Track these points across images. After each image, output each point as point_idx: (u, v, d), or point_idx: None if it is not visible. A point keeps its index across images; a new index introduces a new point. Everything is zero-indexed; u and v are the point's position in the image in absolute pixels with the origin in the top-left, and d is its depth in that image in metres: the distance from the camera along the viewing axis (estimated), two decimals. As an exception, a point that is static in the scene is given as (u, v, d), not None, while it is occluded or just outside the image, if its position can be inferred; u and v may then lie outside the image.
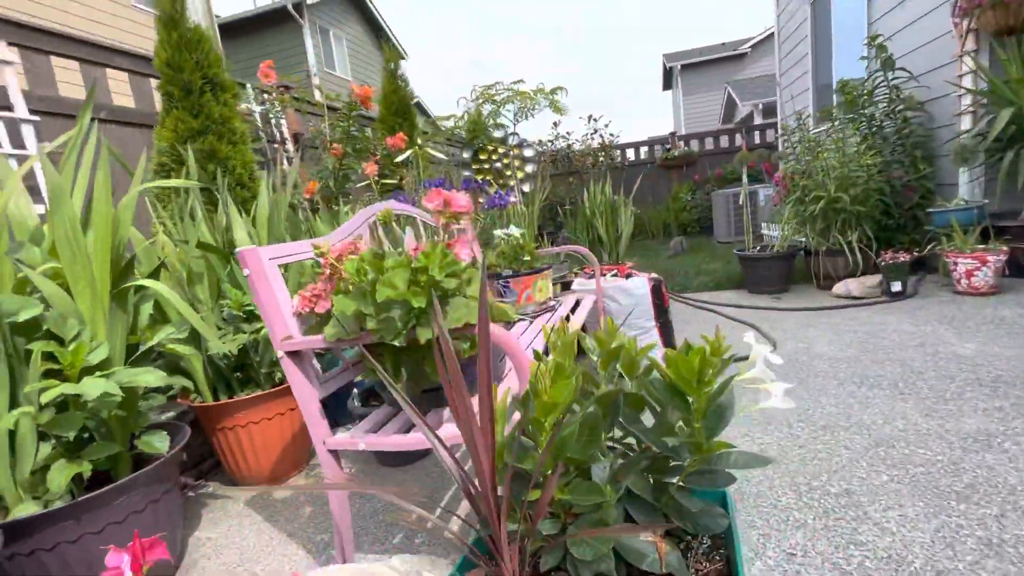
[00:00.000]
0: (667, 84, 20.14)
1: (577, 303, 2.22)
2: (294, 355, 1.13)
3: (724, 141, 8.42)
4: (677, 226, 7.79)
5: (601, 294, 2.28)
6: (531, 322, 1.98)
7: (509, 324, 1.18)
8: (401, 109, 5.28)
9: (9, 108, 2.41)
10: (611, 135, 7.97)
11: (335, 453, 1.14)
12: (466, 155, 4.60)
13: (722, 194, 6.58)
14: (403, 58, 16.23)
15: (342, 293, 1.04)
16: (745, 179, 4.63)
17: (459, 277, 0.95)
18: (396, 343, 0.94)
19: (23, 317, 1.04)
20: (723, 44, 17.70)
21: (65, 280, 1.14)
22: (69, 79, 2.91)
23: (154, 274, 1.37)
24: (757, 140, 8.31)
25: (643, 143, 8.88)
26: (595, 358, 0.79)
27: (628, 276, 2.34)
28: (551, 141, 7.96)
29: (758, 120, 12.45)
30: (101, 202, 1.18)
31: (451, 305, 0.98)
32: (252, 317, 1.74)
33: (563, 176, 8.22)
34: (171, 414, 1.82)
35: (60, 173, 1.24)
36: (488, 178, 4.51)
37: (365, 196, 3.59)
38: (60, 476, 1.07)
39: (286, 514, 1.60)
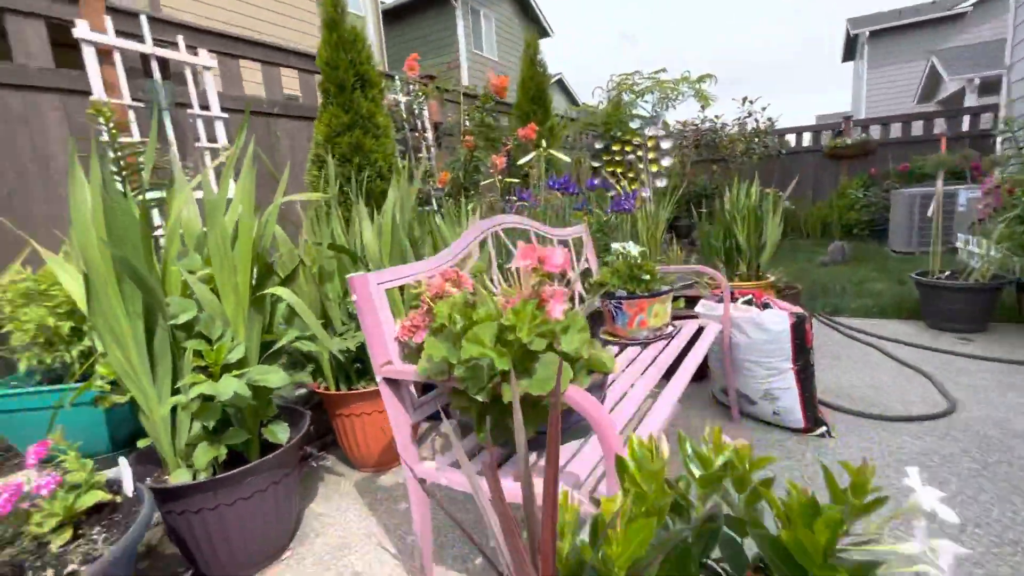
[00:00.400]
0: (848, 55, 17.23)
1: (700, 331, 2.01)
2: (391, 380, 1.17)
3: (917, 128, 6.96)
4: (840, 227, 6.70)
5: (729, 323, 2.03)
6: (642, 349, 1.84)
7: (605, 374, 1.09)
8: (537, 95, 5.22)
9: (207, 107, 2.85)
10: (768, 119, 7.04)
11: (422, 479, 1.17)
12: (598, 146, 4.41)
13: (906, 194, 5.47)
14: (548, 35, 16.09)
15: (435, 332, 1.03)
16: (940, 182, 3.75)
17: (551, 337, 0.88)
18: (479, 398, 0.90)
19: (182, 320, 1.21)
20: (933, 2, 14.51)
21: (215, 285, 1.30)
22: (249, 77, 3.34)
23: (293, 273, 1.51)
24: (965, 127, 6.72)
25: (807, 128, 7.74)
26: (692, 468, 0.67)
27: (765, 306, 2.04)
28: (696, 124, 7.28)
29: (971, 101, 10.07)
30: (245, 216, 1.31)
31: (541, 362, 0.91)
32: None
33: (706, 163, 7.52)
34: (302, 391, 2.05)
35: (221, 183, 1.42)
36: (619, 171, 4.28)
37: (488, 196, 3.63)
38: (203, 456, 1.25)
39: (386, 505, 1.71)
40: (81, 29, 2.32)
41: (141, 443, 1.32)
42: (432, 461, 1.18)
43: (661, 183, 4.20)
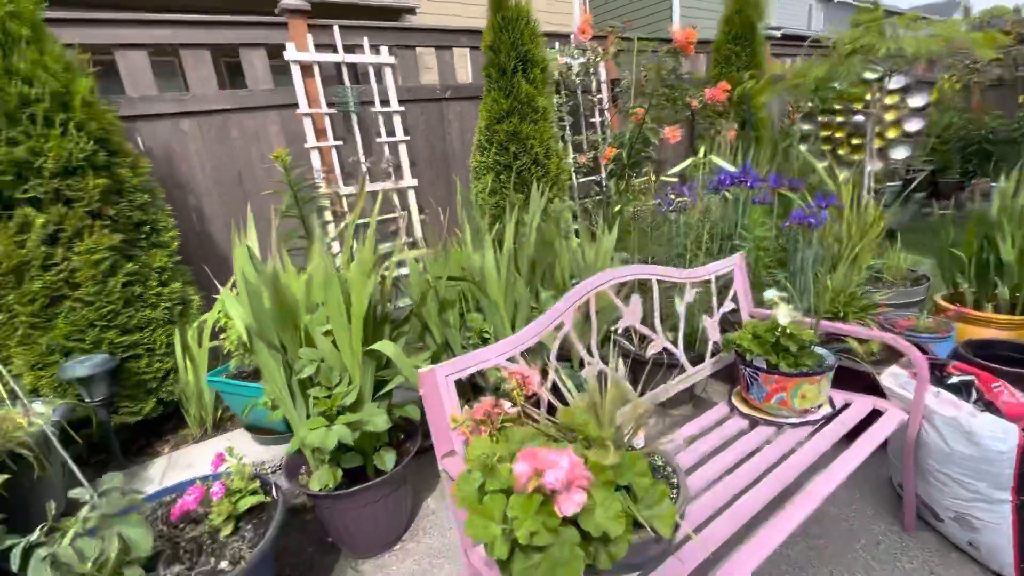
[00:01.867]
0: None
1: (874, 415, 1.57)
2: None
3: None
4: None
5: (919, 415, 1.53)
6: (777, 431, 1.53)
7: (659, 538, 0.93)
8: (743, 33, 4.34)
9: (387, 102, 3.12)
10: None
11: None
12: (805, 127, 3.50)
13: None
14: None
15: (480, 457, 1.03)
16: None
17: (557, 532, 0.80)
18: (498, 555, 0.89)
19: (305, 374, 1.45)
20: None
21: (335, 338, 1.51)
22: (424, 64, 3.50)
23: (406, 320, 1.65)
24: None
25: None
26: None
27: (988, 405, 1.45)
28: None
29: None
30: (357, 285, 1.46)
31: (550, 550, 0.84)
32: (483, 342, 1.94)
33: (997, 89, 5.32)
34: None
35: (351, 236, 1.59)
36: (838, 136, 3.35)
37: (650, 177, 3.25)
38: (324, 477, 1.54)
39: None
40: (290, 51, 2.72)
41: (293, 446, 1.68)
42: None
43: (900, 154, 3.16)
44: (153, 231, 2.13)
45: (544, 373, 1.44)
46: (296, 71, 2.77)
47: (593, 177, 3.77)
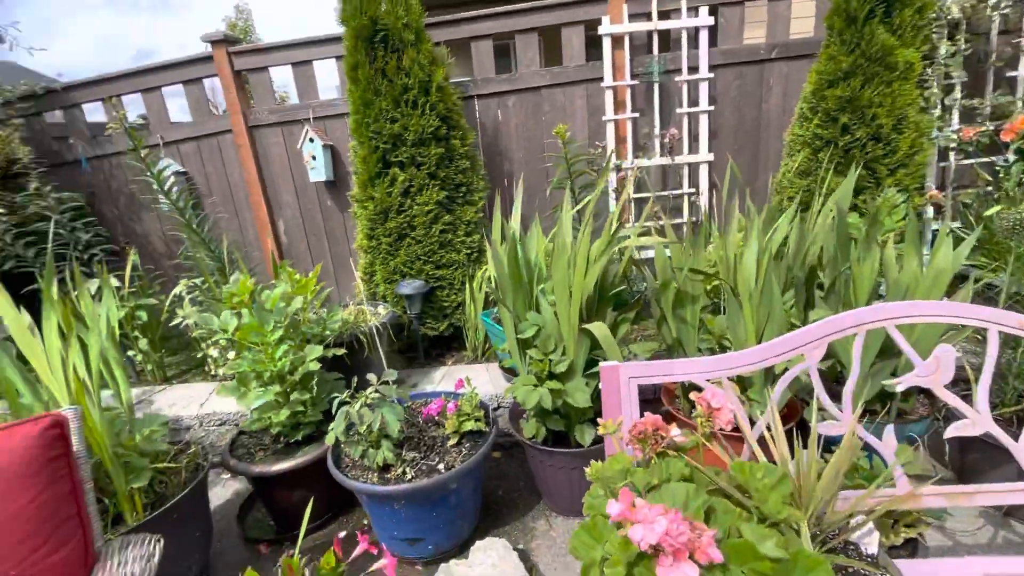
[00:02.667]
0: None
1: None
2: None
3: None
4: None
5: None
6: None
7: None
8: None
9: (696, 69, 2.90)
10: None
11: None
12: None
13: None
14: None
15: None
16: None
17: None
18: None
19: (526, 334, 1.60)
20: None
21: (556, 309, 1.61)
22: (754, 17, 3.03)
23: (634, 303, 1.62)
24: None
25: None
26: None
27: None
28: None
29: None
30: (580, 261, 1.49)
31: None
32: (722, 349, 1.70)
33: None
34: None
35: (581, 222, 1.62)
36: None
37: None
38: (532, 429, 1.70)
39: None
40: (604, 25, 2.82)
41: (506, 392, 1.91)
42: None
43: None
44: (468, 191, 2.65)
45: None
46: (607, 44, 2.86)
47: (987, 158, 2.62)
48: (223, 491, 2.23)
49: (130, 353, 2.80)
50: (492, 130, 3.10)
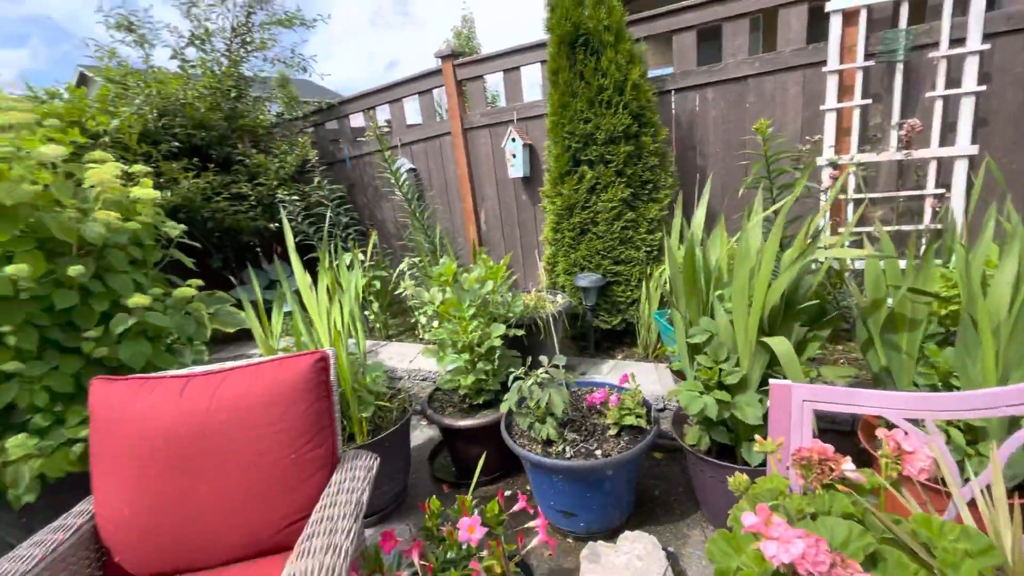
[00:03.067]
0: None
1: None
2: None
3: None
4: None
5: None
6: None
7: None
8: None
9: (961, 41, 2.33)
10: None
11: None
12: None
13: None
14: None
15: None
16: None
17: None
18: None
19: (695, 340, 1.58)
20: None
21: (733, 317, 1.55)
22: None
23: (829, 321, 1.48)
24: None
25: None
26: None
27: None
28: None
29: None
30: (764, 269, 1.41)
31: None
32: (947, 389, 1.40)
33: None
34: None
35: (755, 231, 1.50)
36: None
37: None
38: (695, 437, 1.69)
39: None
40: (834, 1, 2.47)
41: (669, 393, 1.89)
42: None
43: None
44: (654, 188, 2.64)
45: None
46: (836, 21, 2.50)
47: None
48: (420, 435, 2.71)
49: (366, 312, 3.54)
50: (687, 123, 2.99)
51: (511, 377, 1.91)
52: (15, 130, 1.76)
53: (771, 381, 1.11)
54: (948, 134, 2.45)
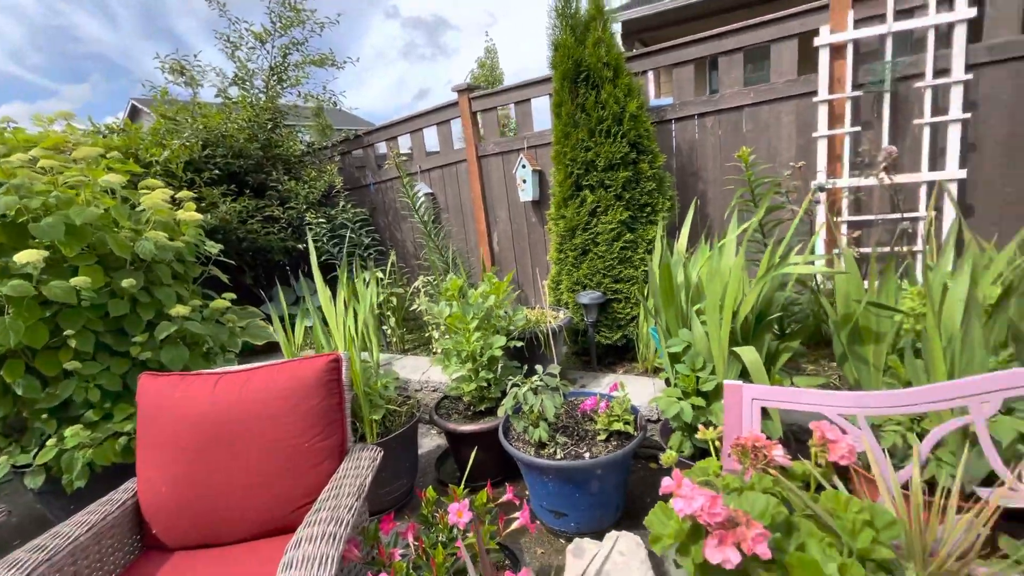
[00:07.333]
0: None
1: None
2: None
3: None
4: None
5: None
6: None
7: None
8: None
9: (946, 72, 2.45)
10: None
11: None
12: None
13: None
14: None
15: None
16: None
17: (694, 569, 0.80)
18: None
19: (673, 349, 1.72)
20: None
21: (708, 328, 1.68)
22: None
23: (794, 334, 1.59)
24: None
25: None
26: None
27: None
28: None
29: None
30: (733, 283, 1.55)
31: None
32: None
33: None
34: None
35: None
36: None
37: None
38: (676, 441, 1.80)
39: None
40: (822, 35, 2.63)
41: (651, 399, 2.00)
42: None
43: None
44: (652, 211, 2.80)
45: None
46: (824, 55, 2.65)
47: None
48: (430, 442, 2.86)
49: (383, 327, 3.76)
50: (687, 150, 3.15)
51: (509, 385, 2.06)
52: (85, 161, 2.06)
53: (725, 382, 1.24)
54: (940, 158, 2.54)
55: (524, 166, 3.57)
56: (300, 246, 4.22)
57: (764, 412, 1.64)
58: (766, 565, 0.82)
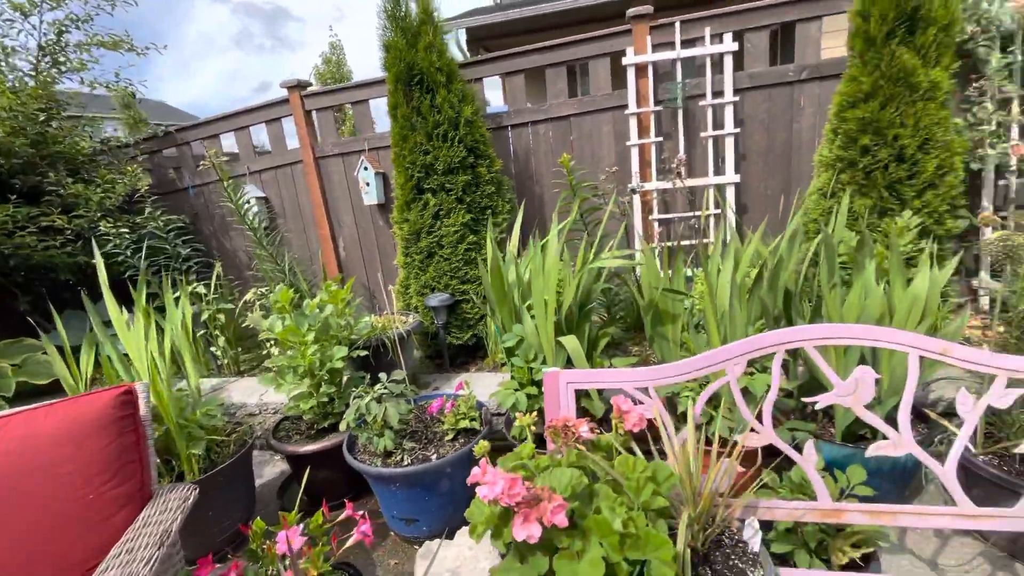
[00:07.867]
0: None
1: None
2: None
3: None
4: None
5: None
6: None
7: None
8: None
9: (721, 93, 2.95)
10: None
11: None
12: None
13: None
14: None
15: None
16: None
17: (507, 547, 0.86)
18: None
19: (508, 344, 1.80)
20: None
21: (537, 322, 1.79)
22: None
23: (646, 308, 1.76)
24: None
25: None
26: None
27: None
28: None
29: None
30: (551, 279, 1.68)
31: None
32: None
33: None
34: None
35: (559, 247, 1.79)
36: None
37: None
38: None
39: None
40: (628, 56, 2.98)
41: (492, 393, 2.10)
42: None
43: None
44: (493, 213, 2.91)
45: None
46: (631, 74, 3.01)
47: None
48: (271, 470, 2.62)
49: (212, 349, 3.33)
50: (524, 156, 3.34)
51: (352, 396, 1.98)
52: None
53: (544, 370, 1.34)
54: (721, 165, 3.06)
55: (366, 168, 3.45)
56: (94, 261, 3.53)
57: (586, 394, 1.81)
58: (568, 532, 0.90)
